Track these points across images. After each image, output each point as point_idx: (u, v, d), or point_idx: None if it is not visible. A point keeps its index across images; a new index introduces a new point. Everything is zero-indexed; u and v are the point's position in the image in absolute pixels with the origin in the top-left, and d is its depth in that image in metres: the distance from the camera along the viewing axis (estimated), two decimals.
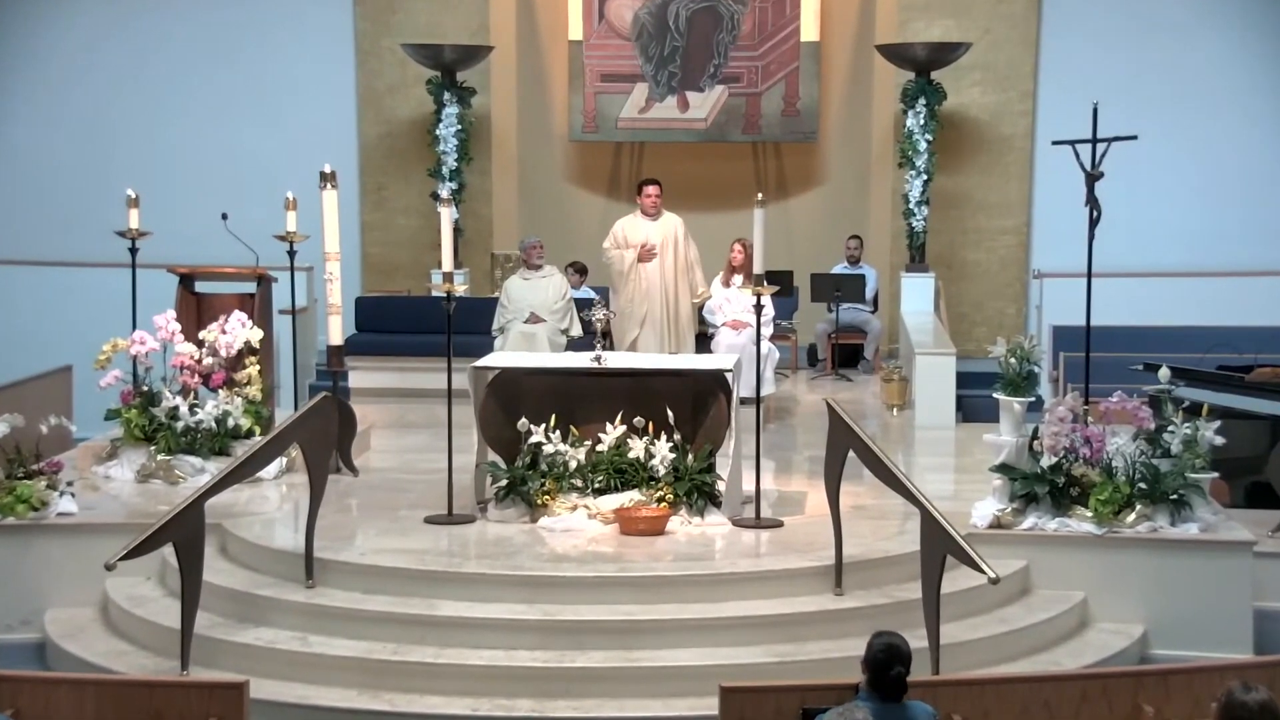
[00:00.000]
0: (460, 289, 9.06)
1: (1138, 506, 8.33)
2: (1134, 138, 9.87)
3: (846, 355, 14.69)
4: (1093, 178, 9.67)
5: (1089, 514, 8.34)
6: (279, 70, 15.88)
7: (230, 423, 9.96)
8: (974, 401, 12.64)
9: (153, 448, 9.84)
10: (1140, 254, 15.10)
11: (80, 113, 16.01)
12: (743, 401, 9.14)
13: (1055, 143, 10.00)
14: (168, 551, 7.60)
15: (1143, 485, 8.39)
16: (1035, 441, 8.52)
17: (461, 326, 9.91)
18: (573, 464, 8.79)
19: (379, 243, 16.12)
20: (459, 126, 15.31)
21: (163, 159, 15.70)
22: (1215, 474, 8.65)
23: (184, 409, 9.90)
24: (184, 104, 15.91)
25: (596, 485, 8.77)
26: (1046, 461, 8.44)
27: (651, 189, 11.99)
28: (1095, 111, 9.51)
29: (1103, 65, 15.08)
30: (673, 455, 8.75)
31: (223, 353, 10.12)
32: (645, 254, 11.88)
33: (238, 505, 9.07)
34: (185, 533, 7.27)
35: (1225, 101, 15.29)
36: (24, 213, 15.90)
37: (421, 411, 12.09)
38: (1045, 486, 8.40)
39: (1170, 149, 15.04)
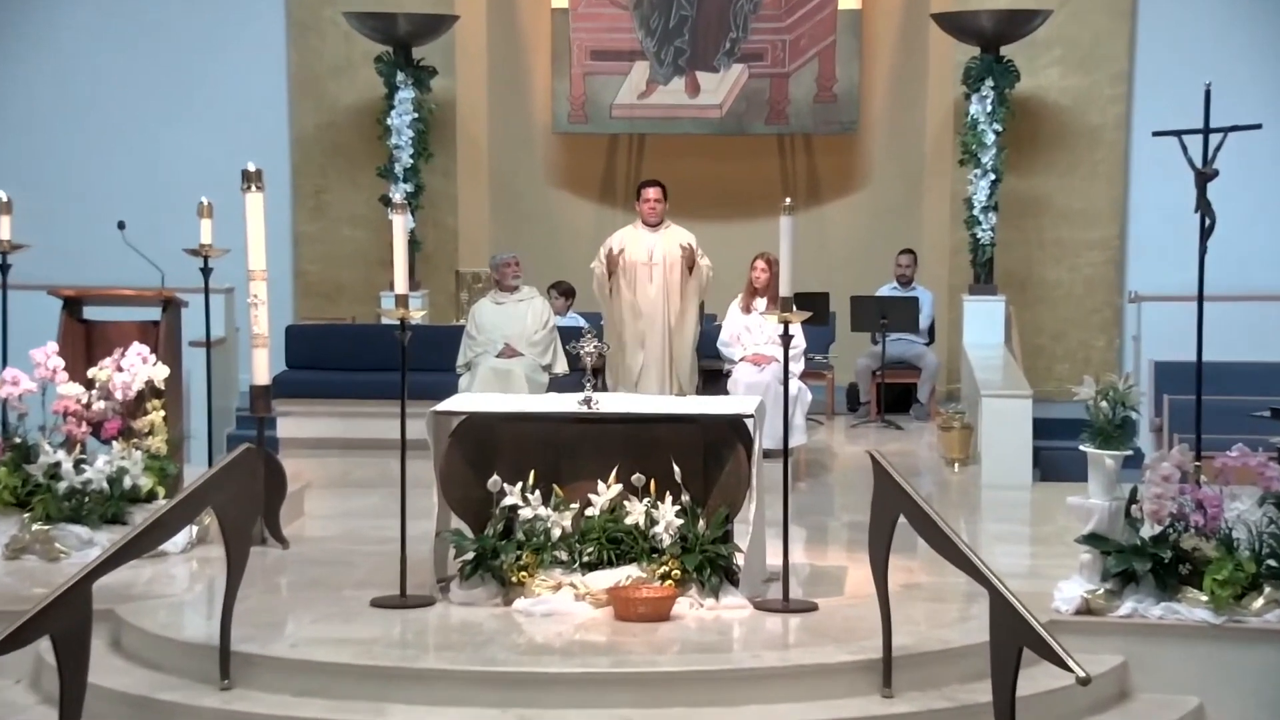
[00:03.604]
0: (418, 315, 9.06)
1: (1266, 589, 8.28)
2: (1258, 126, 9.90)
3: (895, 397, 14.73)
4: (1205, 177, 9.67)
5: (1203, 598, 8.29)
6: (192, 49, 15.92)
7: (127, 483, 9.92)
8: (1055, 455, 12.65)
9: (27, 515, 9.79)
10: (1262, 272, 15.09)
11: None
12: (767, 454, 9.11)
13: (1157, 133, 10.03)
14: (45, 646, 7.51)
15: (1272, 562, 8.34)
16: (1134, 506, 8.47)
17: (419, 362, 9.86)
18: (556, 532, 8.76)
19: (317, 259, 16.14)
20: (416, 115, 15.34)
21: (45, 155, 15.71)
22: None
23: (68, 466, 9.85)
24: (74, 88, 15.94)
25: (586, 558, 8.74)
26: (1148, 531, 8.39)
27: (651, 192, 11.97)
28: (1208, 95, 9.54)
29: (1216, 39, 15.09)
30: (680, 521, 8.71)
31: (118, 395, 10.07)
32: (613, 262, 11.77)
33: (136, 586, 9.02)
34: (67, 622, 7.18)
35: None
36: None
37: (369, 467, 12.14)
38: (1147, 563, 8.34)
39: None
